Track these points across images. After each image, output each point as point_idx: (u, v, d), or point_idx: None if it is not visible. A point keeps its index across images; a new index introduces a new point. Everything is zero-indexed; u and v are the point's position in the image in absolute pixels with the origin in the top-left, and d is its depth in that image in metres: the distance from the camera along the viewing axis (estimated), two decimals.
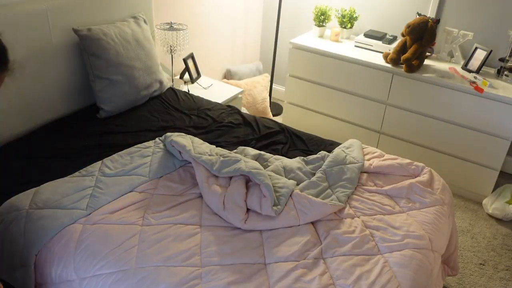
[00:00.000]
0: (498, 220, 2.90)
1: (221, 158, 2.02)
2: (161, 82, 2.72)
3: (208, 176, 1.95)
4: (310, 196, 1.88)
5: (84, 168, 2.01)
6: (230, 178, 1.97)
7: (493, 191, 3.03)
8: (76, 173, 1.98)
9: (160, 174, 2.02)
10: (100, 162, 2.05)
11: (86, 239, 1.66)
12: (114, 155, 2.10)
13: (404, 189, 2.03)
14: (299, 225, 1.80)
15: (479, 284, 2.41)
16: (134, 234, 1.69)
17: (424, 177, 2.10)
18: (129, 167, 2.03)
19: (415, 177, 2.13)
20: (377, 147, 3.28)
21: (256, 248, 1.69)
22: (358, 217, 1.88)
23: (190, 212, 1.82)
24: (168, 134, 2.21)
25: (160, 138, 2.26)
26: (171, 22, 2.98)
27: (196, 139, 2.19)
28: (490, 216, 2.93)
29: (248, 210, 1.83)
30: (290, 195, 1.89)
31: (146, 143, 2.22)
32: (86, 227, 1.71)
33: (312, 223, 1.84)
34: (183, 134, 2.23)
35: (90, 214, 1.76)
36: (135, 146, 2.19)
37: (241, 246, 1.68)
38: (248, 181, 1.96)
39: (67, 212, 1.75)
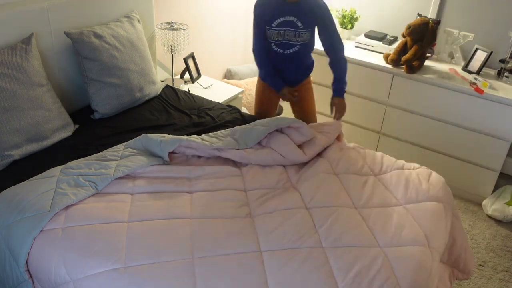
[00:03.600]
0: (498, 221, 2.90)
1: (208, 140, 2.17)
2: (155, 84, 2.71)
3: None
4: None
5: (44, 172, 1.94)
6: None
7: (493, 192, 3.03)
8: (35, 177, 1.92)
9: (132, 171, 1.97)
10: (61, 166, 1.99)
11: (71, 240, 1.64)
12: (78, 159, 2.03)
13: (403, 184, 2.05)
14: (291, 210, 1.82)
15: (478, 285, 2.41)
16: (122, 232, 1.67)
17: (422, 174, 2.12)
18: (93, 171, 1.95)
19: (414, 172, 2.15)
20: (377, 148, 3.28)
21: (250, 235, 1.69)
22: (356, 209, 1.89)
23: (177, 206, 1.82)
24: (148, 134, 2.16)
25: (132, 141, 2.17)
26: (172, 22, 2.98)
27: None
28: (490, 217, 2.93)
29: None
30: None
31: (115, 147, 2.14)
32: (67, 229, 1.68)
33: (309, 211, 1.84)
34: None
35: (60, 214, 1.72)
36: (101, 152, 2.11)
37: (233, 234, 1.68)
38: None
39: (32, 219, 1.70)
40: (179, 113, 2.60)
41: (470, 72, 3.01)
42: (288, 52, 2.50)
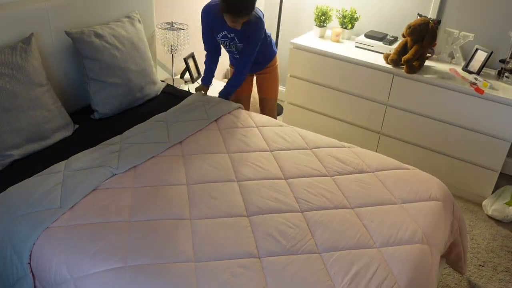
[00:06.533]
0: (498, 221, 2.90)
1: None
2: (155, 84, 2.72)
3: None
4: None
5: (48, 168, 1.97)
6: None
7: (493, 192, 3.03)
8: (40, 173, 1.94)
9: (133, 165, 2.01)
10: (65, 161, 2.02)
11: (73, 239, 1.64)
12: (79, 153, 2.07)
13: (400, 183, 2.05)
14: (287, 213, 1.82)
15: (478, 286, 2.41)
16: (124, 231, 1.68)
17: (419, 175, 2.12)
18: (97, 162, 1.99)
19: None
20: (377, 148, 3.28)
21: (248, 238, 1.69)
22: (353, 209, 1.89)
23: (177, 205, 1.82)
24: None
25: (127, 132, 2.27)
26: (172, 22, 2.99)
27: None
28: (490, 217, 2.93)
29: None
30: None
31: (113, 139, 2.19)
32: (70, 227, 1.69)
33: (303, 215, 1.85)
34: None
35: (66, 212, 1.73)
36: (101, 143, 2.16)
37: (232, 238, 1.68)
38: None
39: (41, 214, 1.72)
40: None
41: (470, 72, 3.01)
42: (240, 55, 2.70)
